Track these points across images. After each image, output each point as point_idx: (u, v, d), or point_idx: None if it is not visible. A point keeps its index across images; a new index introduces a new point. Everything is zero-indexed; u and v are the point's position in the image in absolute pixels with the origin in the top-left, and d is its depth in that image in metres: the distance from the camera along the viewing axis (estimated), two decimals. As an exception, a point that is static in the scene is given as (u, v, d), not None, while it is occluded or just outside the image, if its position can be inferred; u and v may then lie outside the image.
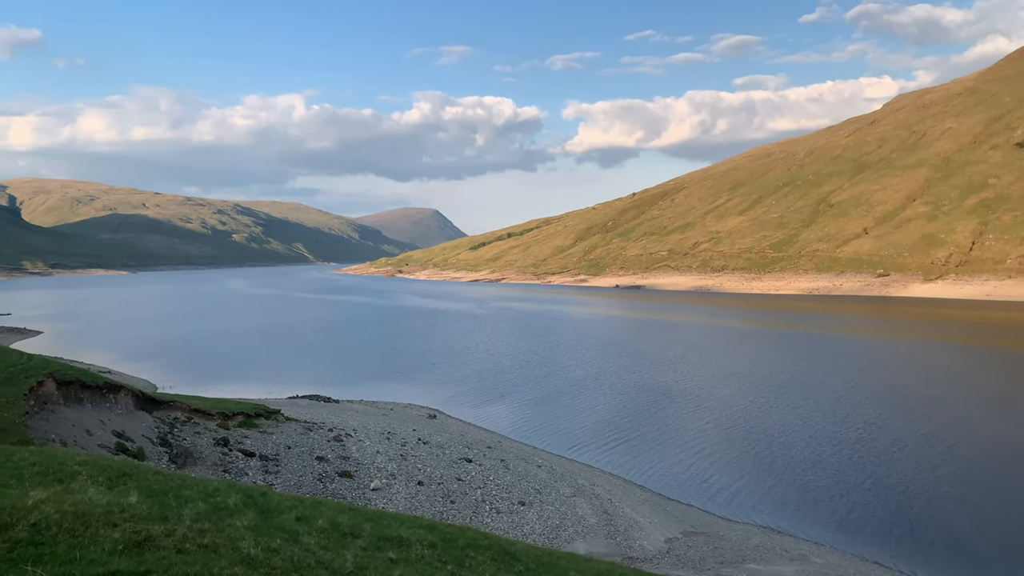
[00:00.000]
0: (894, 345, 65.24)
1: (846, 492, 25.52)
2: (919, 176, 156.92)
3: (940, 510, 23.57)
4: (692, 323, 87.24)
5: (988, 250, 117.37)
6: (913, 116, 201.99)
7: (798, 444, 31.32)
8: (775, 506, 24.75)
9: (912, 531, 22.20)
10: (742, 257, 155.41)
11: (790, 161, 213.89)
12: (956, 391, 42.64)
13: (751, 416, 36.53)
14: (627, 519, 22.27)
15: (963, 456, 28.78)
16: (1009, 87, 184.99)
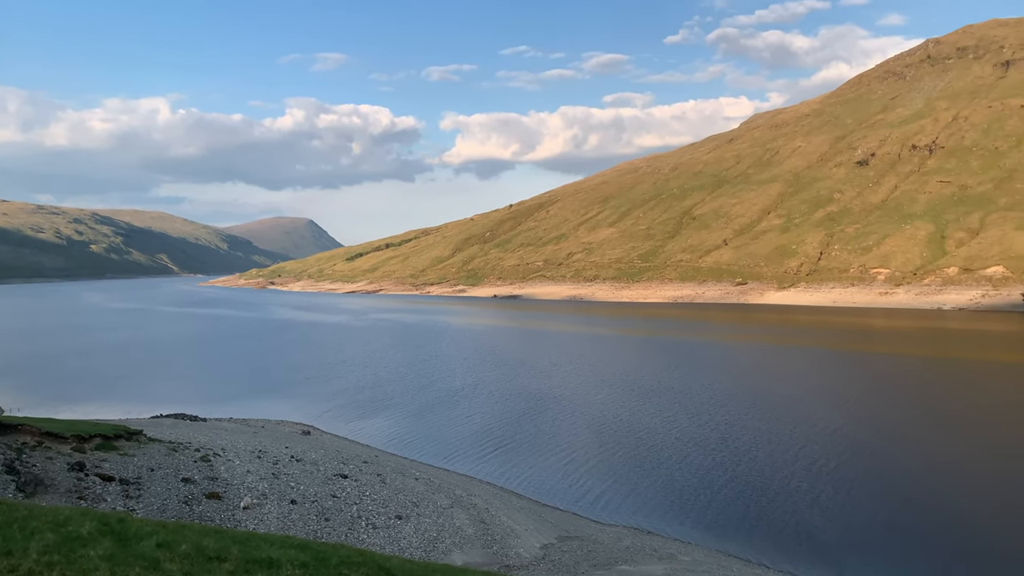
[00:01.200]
0: (752, 349, 69.33)
1: (710, 490, 26.81)
2: (773, 191, 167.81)
3: (793, 504, 25.17)
4: (567, 331, 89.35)
5: (834, 260, 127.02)
6: (767, 135, 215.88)
7: (665, 446, 32.70)
8: (644, 507, 25.66)
9: (769, 525, 23.57)
10: (613, 267, 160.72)
11: (656, 176, 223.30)
12: (806, 392, 45.82)
13: (622, 420, 37.81)
14: (504, 528, 22.49)
15: (813, 453, 30.92)
16: (850, 109, 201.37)
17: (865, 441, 32.69)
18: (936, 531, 22.74)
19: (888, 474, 28.04)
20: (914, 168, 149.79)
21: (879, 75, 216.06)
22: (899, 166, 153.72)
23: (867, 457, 30.19)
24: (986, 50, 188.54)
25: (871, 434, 34.06)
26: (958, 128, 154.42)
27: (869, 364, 58.28)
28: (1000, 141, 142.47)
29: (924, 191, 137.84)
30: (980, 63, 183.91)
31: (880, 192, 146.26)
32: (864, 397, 44.05)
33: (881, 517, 23.81)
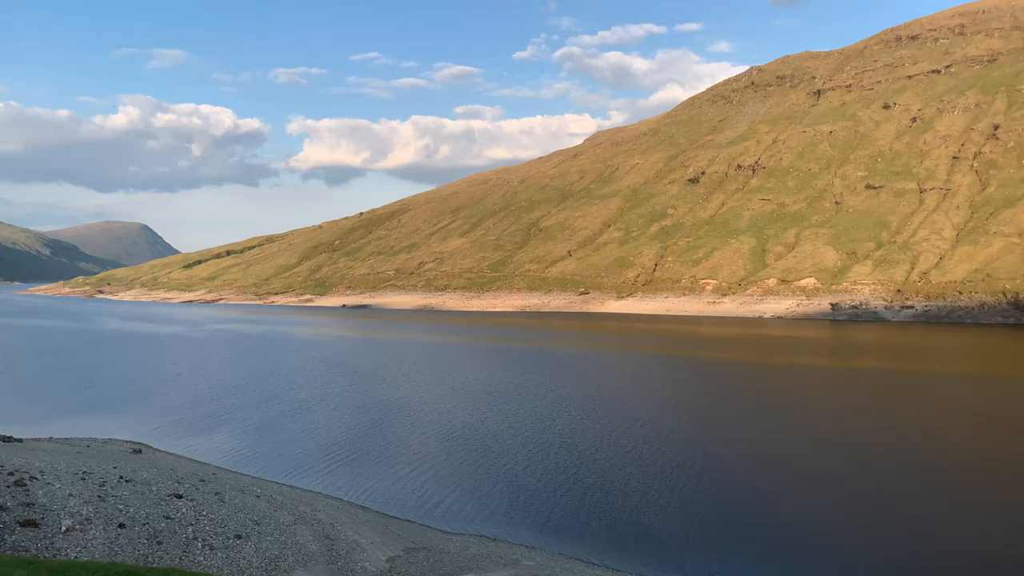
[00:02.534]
0: (593, 356, 72.35)
1: (552, 494, 27.66)
2: (613, 205, 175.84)
3: (631, 503, 26.50)
4: (418, 341, 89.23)
5: (667, 271, 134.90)
6: (609, 152, 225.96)
7: (510, 452, 33.51)
8: (490, 514, 26.08)
9: (608, 525, 24.56)
10: (463, 277, 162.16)
11: (505, 188, 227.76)
12: (643, 396, 48.39)
13: (469, 428, 38.37)
14: (349, 542, 22.30)
15: (648, 454, 32.79)
16: (683, 130, 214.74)
17: (696, 441, 34.98)
18: (759, 521, 24.73)
19: (717, 471, 30.17)
20: (739, 186, 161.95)
21: (709, 98, 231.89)
22: (726, 184, 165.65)
23: (699, 456, 32.29)
24: (800, 79, 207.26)
25: (702, 435, 36.52)
26: (777, 150, 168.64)
27: (699, 369, 62.44)
28: (812, 163, 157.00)
29: (748, 208, 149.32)
30: (796, 91, 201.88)
31: (709, 208, 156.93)
32: (694, 400, 47.20)
33: (710, 512, 25.58)
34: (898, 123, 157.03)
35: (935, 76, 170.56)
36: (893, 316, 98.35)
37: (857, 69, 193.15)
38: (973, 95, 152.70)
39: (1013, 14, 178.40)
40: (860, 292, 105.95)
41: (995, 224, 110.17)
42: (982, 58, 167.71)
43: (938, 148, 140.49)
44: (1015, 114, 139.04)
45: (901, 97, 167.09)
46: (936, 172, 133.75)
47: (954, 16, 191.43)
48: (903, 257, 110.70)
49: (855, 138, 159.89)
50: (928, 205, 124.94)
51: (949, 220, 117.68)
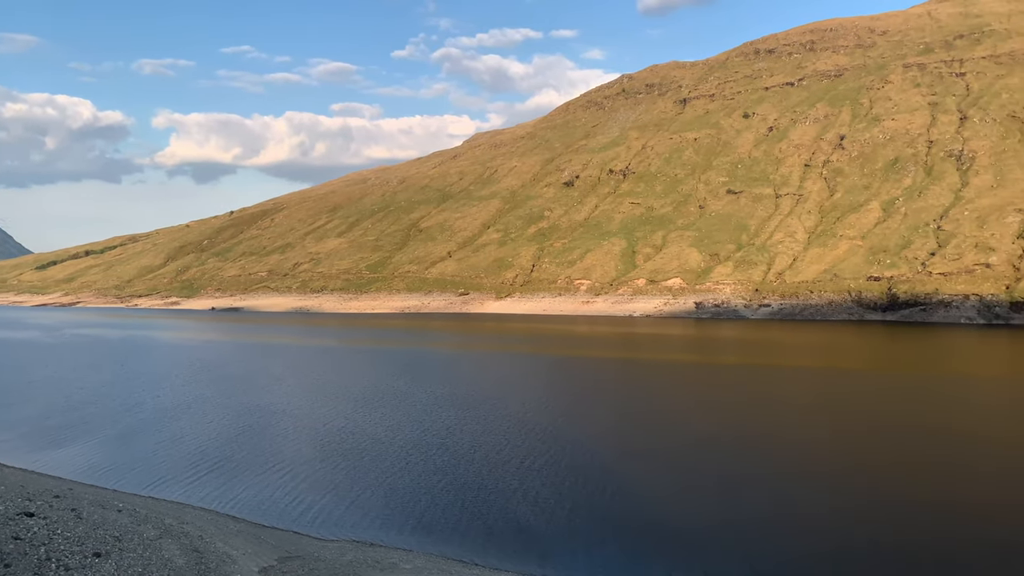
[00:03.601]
0: (473, 356, 73.08)
1: (430, 495, 27.82)
2: (492, 207, 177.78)
3: (508, 502, 27.02)
4: (292, 344, 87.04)
5: (544, 272, 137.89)
6: (487, 154, 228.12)
7: (387, 454, 33.50)
8: (367, 518, 25.98)
9: (486, 524, 24.88)
10: (341, 278, 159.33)
11: (384, 188, 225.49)
12: (520, 394, 49.44)
13: (346, 431, 38.01)
14: (219, 554, 21.77)
15: (524, 451, 33.64)
16: (559, 134, 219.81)
17: (571, 437, 36.16)
18: (631, 512, 25.95)
19: (591, 465, 31.35)
20: (611, 190, 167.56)
21: (583, 104, 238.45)
22: (599, 188, 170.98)
23: (573, 452, 33.46)
24: (668, 88, 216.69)
25: (577, 431, 37.77)
26: (646, 156, 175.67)
27: (574, 367, 64.38)
28: (678, 169, 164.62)
29: (619, 211, 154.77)
30: (664, 99, 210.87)
31: (583, 211, 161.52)
32: (569, 397, 48.69)
33: (585, 505, 26.59)
34: (756, 132, 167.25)
35: (789, 88, 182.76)
36: (752, 314, 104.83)
37: (720, 80, 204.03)
38: (822, 107, 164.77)
39: (856, 33, 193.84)
40: (722, 291, 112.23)
41: (841, 228, 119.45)
42: (830, 73, 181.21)
43: (792, 156, 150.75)
44: (858, 126, 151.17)
45: (759, 107, 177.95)
46: (790, 179, 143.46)
47: (805, 33, 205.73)
48: (760, 258, 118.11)
49: (718, 145, 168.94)
50: (783, 209, 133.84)
51: (801, 224, 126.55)
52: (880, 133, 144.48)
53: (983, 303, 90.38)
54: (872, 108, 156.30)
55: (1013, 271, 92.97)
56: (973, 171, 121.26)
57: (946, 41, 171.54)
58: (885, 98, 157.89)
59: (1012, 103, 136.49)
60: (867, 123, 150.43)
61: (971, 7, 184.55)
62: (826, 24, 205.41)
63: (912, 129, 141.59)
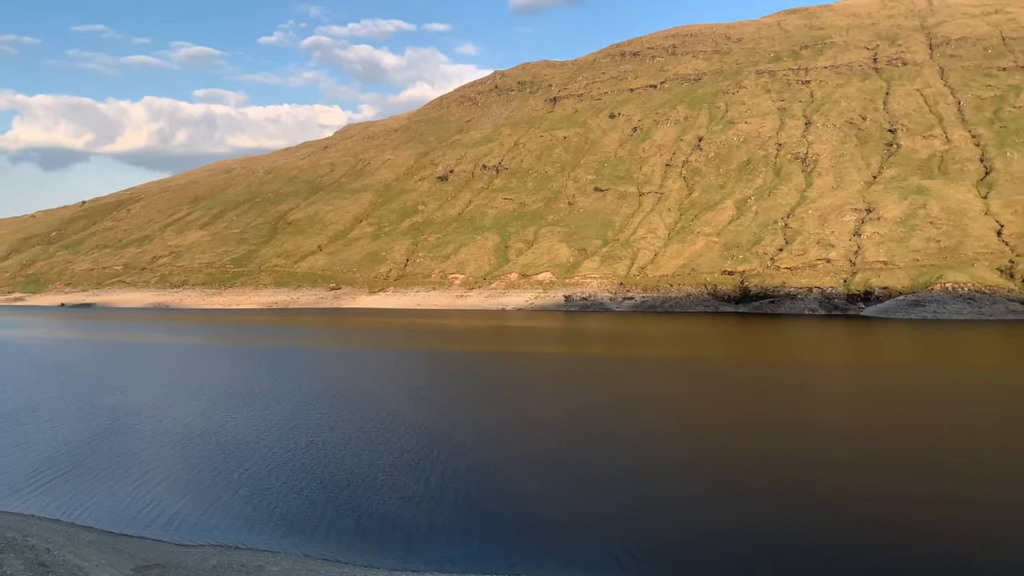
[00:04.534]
0: (344, 352, 72.26)
1: (299, 495, 27.66)
2: (365, 200, 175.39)
3: (378, 497, 27.20)
4: (151, 342, 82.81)
5: (418, 266, 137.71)
6: (360, 146, 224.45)
7: (255, 455, 32.95)
8: (232, 522, 25.55)
9: (357, 521, 25.04)
10: (203, 272, 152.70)
11: (251, 178, 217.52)
12: (392, 390, 49.54)
13: (208, 432, 36.97)
14: (69, 567, 20.91)
15: (396, 446, 33.92)
16: (433, 128, 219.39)
17: (443, 431, 36.76)
18: (501, 503, 26.85)
19: (462, 459, 32.01)
20: (484, 185, 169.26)
21: (456, 99, 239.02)
22: (473, 183, 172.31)
23: (445, 446, 34.02)
24: (539, 86, 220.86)
25: (448, 424, 38.40)
26: (518, 153, 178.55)
27: (447, 361, 65.08)
28: (549, 166, 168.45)
29: (492, 206, 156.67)
30: (535, 97, 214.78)
31: (457, 205, 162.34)
32: (441, 391, 49.21)
33: (455, 498, 27.22)
34: (622, 132, 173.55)
35: (652, 90, 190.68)
36: (617, 306, 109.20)
37: (588, 80, 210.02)
38: (682, 109, 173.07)
39: (714, 39, 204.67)
40: (589, 285, 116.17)
41: (698, 225, 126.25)
42: (690, 77, 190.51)
43: (654, 156, 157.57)
44: (715, 128, 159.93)
45: (624, 108, 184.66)
46: (652, 177, 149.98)
47: (668, 37, 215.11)
48: (625, 253, 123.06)
49: (586, 144, 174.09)
50: (645, 207, 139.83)
51: (662, 221, 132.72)
52: (735, 136, 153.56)
53: (824, 295, 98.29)
54: (727, 112, 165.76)
55: (850, 266, 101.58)
56: (816, 173, 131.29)
57: (793, 50, 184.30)
58: (739, 102, 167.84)
59: (849, 110, 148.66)
60: (723, 126, 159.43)
61: (815, 19, 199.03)
62: (687, 29, 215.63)
63: (763, 132, 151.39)
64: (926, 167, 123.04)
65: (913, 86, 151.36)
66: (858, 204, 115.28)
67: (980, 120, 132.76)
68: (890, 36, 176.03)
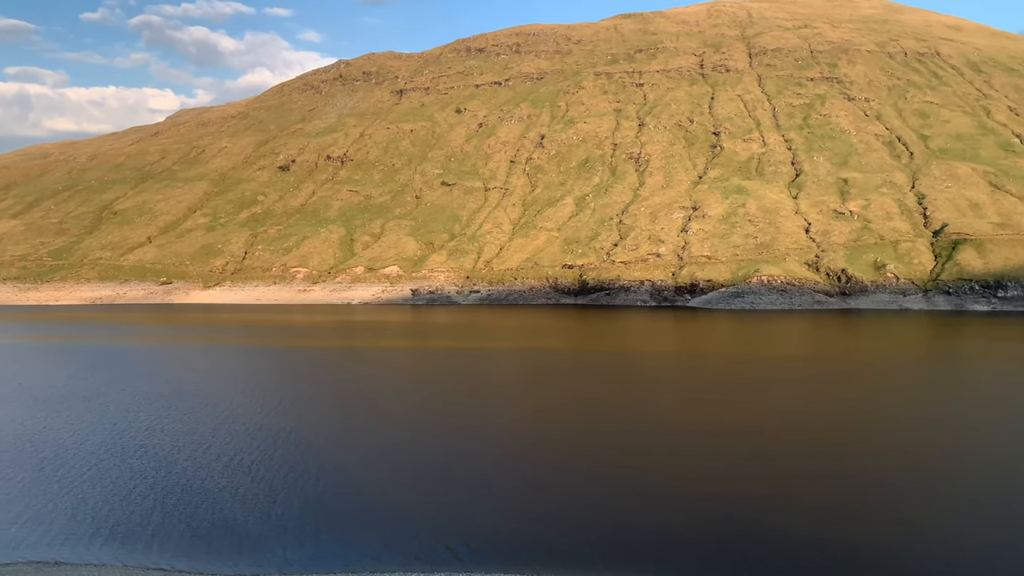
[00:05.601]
0: (176, 350, 69.02)
1: (127, 503, 26.48)
2: (200, 189, 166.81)
3: (213, 500, 26.57)
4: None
5: (257, 259, 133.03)
6: (194, 132, 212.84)
7: (74, 462, 31.21)
8: (50, 535, 24.21)
9: (190, 526, 24.36)
10: (16, 266, 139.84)
11: (71, 164, 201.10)
12: (226, 388, 48.25)
13: (21, 439, 34.55)
14: None
15: (232, 447, 33.31)
16: (274, 116, 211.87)
17: (280, 429, 36.35)
18: (345, 504, 27.17)
19: (299, 456, 31.98)
20: (329, 177, 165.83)
21: (299, 87, 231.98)
22: (316, 174, 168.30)
23: (281, 444, 33.75)
24: (385, 77, 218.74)
25: (285, 422, 37.97)
26: (364, 144, 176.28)
27: (287, 358, 63.84)
28: (396, 159, 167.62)
29: (337, 198, 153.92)
30: (381, 88, 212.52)
31: (300, 197, 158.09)
32: (281, 389, 48.41)
33: (290, 496, 27.25)
34: (468, 127, 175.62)
35: (497, 87, 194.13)
36: (463, 300, 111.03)
37: (434, 74, 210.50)
38: (526, 107, 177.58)
39: (556, 40, 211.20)
40: (436, 279, 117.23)
41: (541, 220, 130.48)
42: (533, 75, 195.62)
43: (499, 152, 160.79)
44: (556, 127, 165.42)
45: (470, 103, 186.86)
46: (497, 173, 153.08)
47: (512, 35, 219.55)
48: (471, 248, 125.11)
49: (432, 138, 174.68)
50: (491, 202, 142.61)
51: (507, 216, 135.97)
52: (574, 135, 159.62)
53: (655, 287, 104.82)
54: (568, 111, 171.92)
55: (678, 260, 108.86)
56: (648, 172, 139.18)
57: (629, 54, 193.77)
58: (579, 103, 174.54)
59: (678, 113, 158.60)
60: (564, 125, 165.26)
61: (648, 25, 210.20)
62: (530, 28, 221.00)
63: (600, 132, 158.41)
64: (745, 168, 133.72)
65: (735, 92, 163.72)
66: (686, 202, 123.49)
67: (792, 126, 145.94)
68: (715, 44, 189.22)
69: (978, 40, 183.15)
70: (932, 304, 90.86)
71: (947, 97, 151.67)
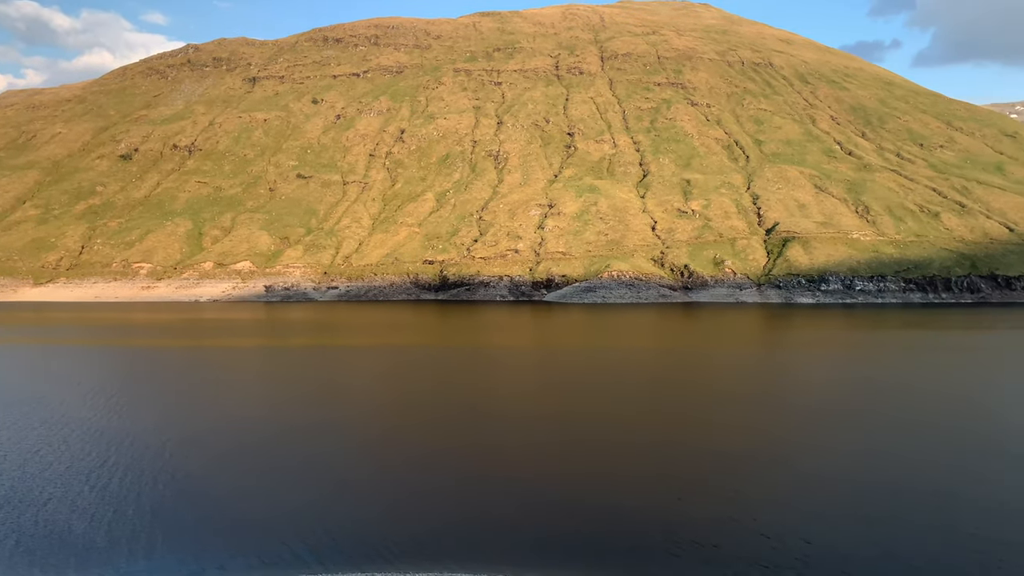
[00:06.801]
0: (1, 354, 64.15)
1: None
2: (30, 178, 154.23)
3: (46, 512, 25.60)
4: None
5: (96, 254, 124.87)
6: (24, 116, 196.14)
7: None
8: None
9: (16, 542, 23.32)
10: None
11: None
12: (60, 392, 45.50)
13: None
14: None
15: (67, 454, 31.78)
16: (115, 101, 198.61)
17: (121, 433, 34.99)
18: (188, 509, 26.69)
19: (143, 463, 31.01)
20: (175, 167, 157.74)
21: (143, 71, 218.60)
22: (162, 164, 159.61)
23: (123, 450, 32.56)
24: (237, 64, 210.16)
25: (129, 426, 36.55)
26: (214, 133, 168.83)
27: (129, 358, 60.77)
28: (248, 149, 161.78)
29: (184, 190, 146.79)
30: (232, 75, 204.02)
31: (143, 188, 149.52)
32: (121, 392, 46.31)
33: (136, 505, 26.51)
34: (325, 118, 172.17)
35: (355, 79, 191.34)
36: (321, 296, 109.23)
37: (290, 62, 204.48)
38: (385, 100, 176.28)
39: (415, 34, 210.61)
40: (292, 275, 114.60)
41: (401, 215, 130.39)
42: (392, 68, 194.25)
43: (358, 145, 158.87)
44: (416, 121, 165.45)
45: (327, 94, 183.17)
46: (356, 167, 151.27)
47: (371, 27, 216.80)
48: (329, 242, 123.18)
49: (288, 128, 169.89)
50: (350, 196, 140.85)
51: (367, 210, 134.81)
52: (435, 130, 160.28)
53: (513, 283, 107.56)
54: (428, 106, 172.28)
55: (535, 256, 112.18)
56: (507, 170, 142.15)
57: (487, 52, 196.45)
58: (439, 98, 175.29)
59: (535, 113, 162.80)
60: (424, 120, 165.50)
61: (506, 24, 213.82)
62: (389, 21, 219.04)
63: (460, 129, 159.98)
64: (597, 168, 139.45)
65: (588, 94, 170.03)
66: (542, 200, 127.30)
67: (640, 128, 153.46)
68: (570, 46, 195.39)
69: (806, 54, 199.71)
70: (765, 297, 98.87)
71: (779, 105, 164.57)
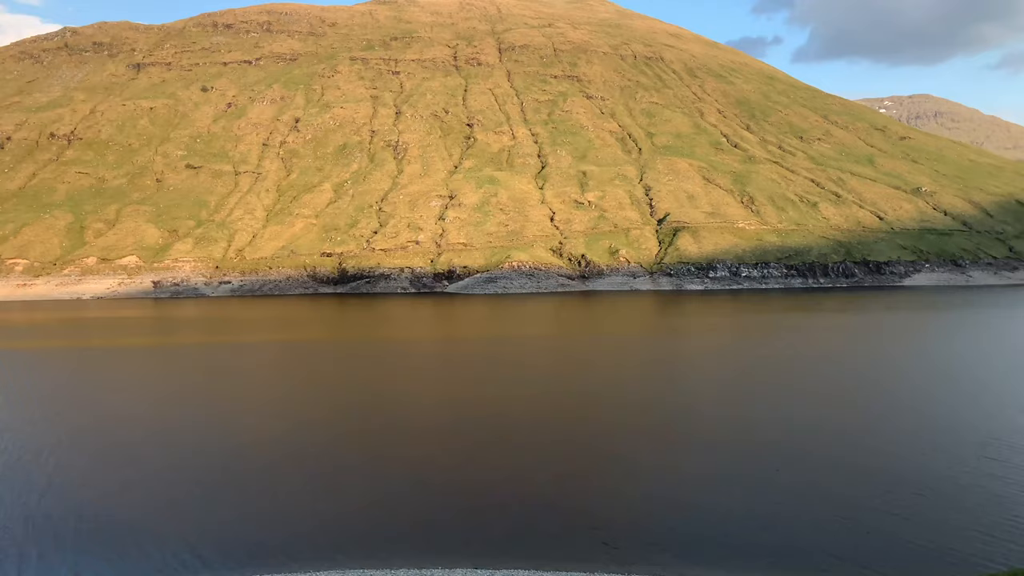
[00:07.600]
0: None
1: None
2: None
3: None
4: None
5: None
6: None
7: None
8: None
9: None
10: None
11: None
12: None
13: None
14: None
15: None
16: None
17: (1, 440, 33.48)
18: (71, 513, 25.87)
19: (19, 471, 29.81)
20: (53, 157, 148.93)
21: (15, 55, 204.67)
22: (37, 153, 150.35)
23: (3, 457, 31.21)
24: (120, 49, 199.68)
25: (7, 432, 34.98)
26: (95, 121, 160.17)
27: (2, 361, 57.50)
28: (133, 139, 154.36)
29: (64, 181, 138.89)
30: (115, 61, 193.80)
31: (18, 179, 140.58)
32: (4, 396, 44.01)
33: (20, 517, 25.60)
34: (215, 107, 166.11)
35: (247, 66, 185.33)
36: (212, 291, 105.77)
37: (177, 48, 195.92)
38: (279, 89, 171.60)
39: (309, 21, 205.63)
40: (181, 269, 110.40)
41: (297, 207, 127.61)
42: (286, 56, 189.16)
43: (250, 134, 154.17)
44: (312, 110, 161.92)
45: (218, 82, 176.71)
46: (249, 157, 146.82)
47: (263, 13, 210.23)
48: (221, 235, 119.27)
49: (176, 117, 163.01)
50: (243, 187, 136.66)
51: (261, 202, 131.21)
52: (331, 119, 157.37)
53: (415, 275, 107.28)
54: (324, 95, 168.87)
55: (436, 247, 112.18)
56: (406, 160, 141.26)
57: (384, 41, 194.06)
58: (335, 87, 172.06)
59: (434, 104, 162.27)
60: (319, 109, 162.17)
61: (403, 13, 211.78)
62: (282, 7, 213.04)
63: (358, 118, 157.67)
64: (497, 160, 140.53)
65: (487, 85, 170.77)
66: (443, 191, 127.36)
67: (538, 120, 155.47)
68: (467, 37, 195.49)
69: (694, 48, 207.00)
70: (657, 285, 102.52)
71: (669, 99, 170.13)
